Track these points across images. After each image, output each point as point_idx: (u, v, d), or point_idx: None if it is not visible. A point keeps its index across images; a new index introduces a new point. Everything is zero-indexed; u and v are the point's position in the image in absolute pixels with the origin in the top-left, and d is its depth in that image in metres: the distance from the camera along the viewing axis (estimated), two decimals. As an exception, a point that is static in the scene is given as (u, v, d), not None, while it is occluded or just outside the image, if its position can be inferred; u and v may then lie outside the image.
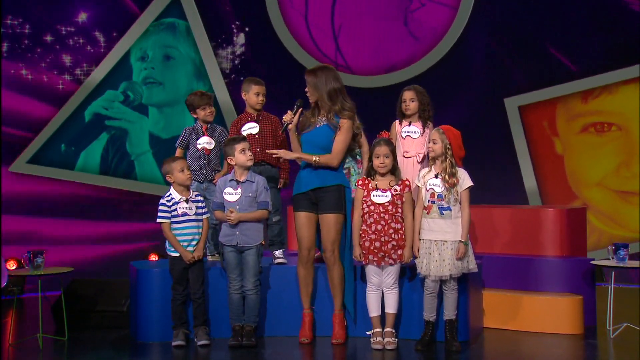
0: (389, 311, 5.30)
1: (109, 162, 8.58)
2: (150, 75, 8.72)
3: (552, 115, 8.75)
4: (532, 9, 8.69)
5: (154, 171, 8.63)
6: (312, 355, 5.26)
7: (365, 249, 5.26)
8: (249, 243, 5.38)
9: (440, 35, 8.76)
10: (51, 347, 5.46)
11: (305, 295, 5.50)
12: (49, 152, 8.45)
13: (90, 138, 8.55)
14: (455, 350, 5.18)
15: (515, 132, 8.76)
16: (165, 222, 5.41)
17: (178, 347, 5.35)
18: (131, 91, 8.66)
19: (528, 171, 8.73)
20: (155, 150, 8.71)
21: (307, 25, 8.92)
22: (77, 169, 8.52)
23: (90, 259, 8.20)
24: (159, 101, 8.75)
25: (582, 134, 8.70)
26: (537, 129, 8.77)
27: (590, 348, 5.39)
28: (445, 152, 5.20)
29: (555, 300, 5.79)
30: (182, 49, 8.80)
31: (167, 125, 8.76)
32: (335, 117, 5.36)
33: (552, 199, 8.65)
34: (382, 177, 5.29)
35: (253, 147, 5.74)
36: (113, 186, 8.61)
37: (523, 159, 8.73)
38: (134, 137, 8.68)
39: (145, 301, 5.61)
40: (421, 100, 5.77)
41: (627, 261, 5.67)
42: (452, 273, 5.16)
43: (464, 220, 5.19)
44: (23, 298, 7.41)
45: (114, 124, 8.61)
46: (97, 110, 8.54)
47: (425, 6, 8.81)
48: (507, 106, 8.76)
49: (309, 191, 5.35)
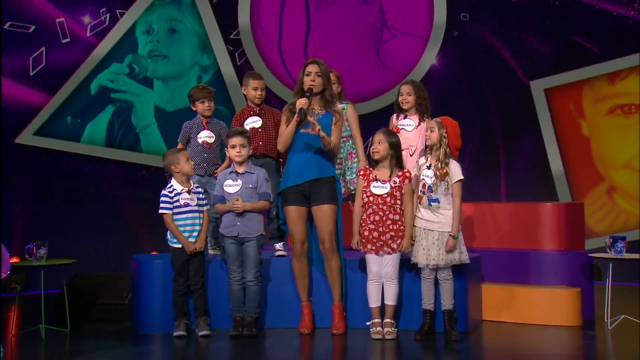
0: (388, 303, 5.34)
1: (114, 135, 8.68)
2: (156, 49, 8.85)
3: (579, 97, 8.77)
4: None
5: (159, 143, 8.74)
6: (312, 345, 5.29)
7: (364, 238, 5.32)
8: (249, 234, 5.43)
9: (411, 66, 8.93)
10: (53, 338, 5.49)
11: (302, 288, 5.54)
12: (56, 124, 8.53)
13: (96, 110, 8.66)
14: (455, 339, 5.22)
15: (541, 115, 8.79)
16: (168, 212, 5.47)
17: (179, 337, 5.39)
18: (136, 64, 8.78)
19: (554, 154, 8.75)
20: (160, 123, 8.82)
21: (280, 54, 9.07)
22: (83, 141, 8.62)
23: (93, 251, 8.27)
24: (164, 74, 8.87)
25: (609, 116, 8.72)
26: (564, 112, 8.79)
27: (589, 339, 5.42)
28: (441, 140, 5.27)
29: (553, 292, 5.83)
30: (187, 23, 8.94)
31: (172, 98, 8.89)
32: (325, 108, 5.44)
33: (578, 181, 8.67)
34: (383, 168, 5.35)
35: (255, 140, 5.82)
36: (118, 158, 8.68)
37: (549, 141, 8.75)
38: (139, 109, 8.79)
39: (147, 292, 5.66)
40: (418, 94, 5.86)
41: (624, 253, 5.73)
42: (437, 263, 5.22)
43: (454, 213, 5.24)
44: (25, 295, 7.45)
45: (119, 96, 8.71)
46: (103, 83, 8.66)
47: (397, 37, 9.03)
48: (533, 89, 8.80)
49: (304, 183, 5.38)
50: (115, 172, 8.72)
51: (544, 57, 8.83)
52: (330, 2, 9.12)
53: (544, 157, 8.76)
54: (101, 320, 6.10)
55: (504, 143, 8.88)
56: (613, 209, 8.50)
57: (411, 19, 8.98)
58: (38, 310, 5.74)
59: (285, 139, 5.40)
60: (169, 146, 8.48)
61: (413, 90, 5.86)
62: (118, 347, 5.31)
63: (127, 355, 5.06)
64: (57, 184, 8.46)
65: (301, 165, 5.39)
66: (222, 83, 8.89)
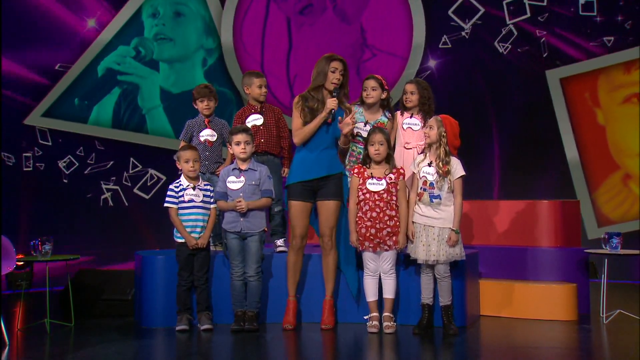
0: (387, 296, 5.42)
1: (121, 116, 8.76)
2: (161, 32, 8.94)
3: (594, 86, 8.80)
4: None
5: (165, 125, 8.84)
6: (311, 339, 5.36)
7: (362, 236, 5.40)
8: (252, 230, 5.52)
9: (391, 85, 9.00)
10: (58, 332, 5.57)
11: (292, 281, 5.60)
12: (63, 105, 8.60)
13: (103, 92, 8.74)
14: (453, 333, 5.30)
15: (557, 104, 8.83)
16: (172, 207, 5.56)
17: (182, 331, 5.48)
18: (142, 47, 8.86)
19: (570, 142, 8.79)
20: (166, 105, 8.90)
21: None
22: (90, 122, 8.69)
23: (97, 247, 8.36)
24: (170, 57, 8.96)
25: (625, 105, 8.73)
26: (579, 101, 8.82)
27: (585, 333, 5.50)
28: (440, 139, 5.35)
29: (549, 287, 5.92)
30: (192, 6, 9.03)
31: (177, 81, 8.97)
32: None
33: (593, 170, 8.70)
34: (378, 166, 5.44)
35: (257, 138, 5.92)
36: (125, 139, 8.77)
37: (565, 130, 8.79)
38: (145, 91, 8.87)
39: (150, 287, 5.75)
40: (422, 93, 5.92)
41: (619, 249, 5.81)
42: (437, 259, 5.29)
43: (456, 208, 5.32)
44: (30, 292, 7.53)
45: (126, 78, 8.80)
46: (109, 65, 8.74)
47: (377, 56, 9.19)
48: (548, 79, 8.86)
49: (313, 180, 5.45)
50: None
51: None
52: (311, 22, 9.31)
53: (559, 146, 8.77)
54: (105, 315, 6.19)
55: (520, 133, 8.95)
56: (628, 196, 8.55)
57: (391, 38, 9.14)
58: (43, 307, 5.83)
59: (306, 134, 5.43)
60: (174, 128, 8.64)
61: (417, 89, 5.93)
62: (121, 340, 5.38)
63: (130, 348, 5.13)
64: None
65: (311, 161, 5.44)
66: (226, 66, 9.01)
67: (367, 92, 5.84)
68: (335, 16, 9.37)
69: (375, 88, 5.81)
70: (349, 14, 9.36)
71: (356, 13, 9.36)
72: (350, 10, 9.34)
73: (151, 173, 8.77)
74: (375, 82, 5.82)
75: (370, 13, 9.27)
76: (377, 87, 5.81)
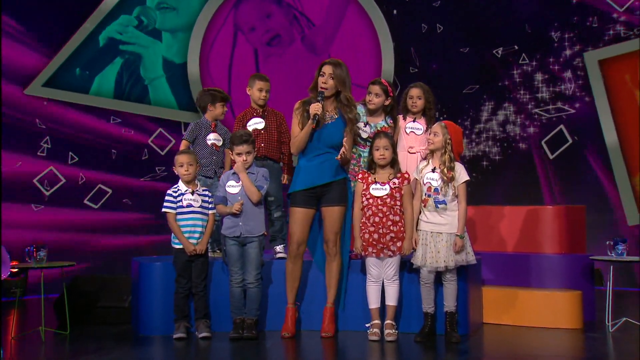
0: (390, 303, 5.34)
1: (123, 87, 8.69)
2: (164, 1, 8.88)
3: (635, 68, 8.52)
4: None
5: (168, 95, 8.79)
6: (312, 347, 5.28)
7: (365, 241, 5.32)
8: (252, 233, 5.43)
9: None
10: (53, 340, 5.49)
11: (290, 290, 5.50)
12: (64, 75, 8.53)
13: (105, 62, 8.68)
14: (455, 341, 5.21)
15: (595, 87, 8.63)
16: (170, 212, 5.47)
17: (179, 339, 5.38)
18: (145, 16, 8.80)
19: (609, 125, 8.56)
20: (169, 75, 8.85)
21: (229, 104, 9.19)
22: (92, 92, 8.62)
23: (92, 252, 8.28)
24: (173, 26, 8.92)
25: None
26: (619, 83, 8.57)
27: (590, 341, 5.41)
28: (445, 145, 5.28)
29: (554, 295, 5.83)
30: None
31: (180, 50, 8.92)
32: (338, 111, 5.42)
33: (633, 154, 8.47)
34: (382, 170, 5.37)
35: (257, 142, 5.83)
36: (127, 110, 8.69)
37: (604, 113, 8.58)
38: (148, 61, 8.82)
39: (147, 295, 5.66)
40: (427, 98, 5.87)
41: (625, 256, 5.72)
42: (447, 265, 5.22)
43: (460, 213, 5.25)
44: (25, 300, 7.44)
45: (128, 48, 8.74)
46: (111, 34, 8.68)
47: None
48: (586, 61, 8.67)
49: (317, 187, 5.36)
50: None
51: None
52: (279, 52, 9.33)
53: (598, 130, 8.57)
54: (101, 322, 6.09)
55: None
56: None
57: (359, 69, 8.97)
58: (38, 314, 5.75)
59: (299, 143, 5.35)
60: (177, 98, 8.56)
61: (423, 94, 5.87)
62: (118, 348, 5.29)
63: (127, 357, 5.04)
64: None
65: (314, 169, 5.35)
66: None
67: (369, 97, 5.77)
68: (304, 47, 9.41)
69: (379, 94, 5.74)
70: (317, 44, 9.41)
71: (325, 44, 9.39)
72: (319, 41, 9.38)
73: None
74: (380, 88, 5.74)
75: (339, 43, 9.30)
76: (380, 93, 5.74)
